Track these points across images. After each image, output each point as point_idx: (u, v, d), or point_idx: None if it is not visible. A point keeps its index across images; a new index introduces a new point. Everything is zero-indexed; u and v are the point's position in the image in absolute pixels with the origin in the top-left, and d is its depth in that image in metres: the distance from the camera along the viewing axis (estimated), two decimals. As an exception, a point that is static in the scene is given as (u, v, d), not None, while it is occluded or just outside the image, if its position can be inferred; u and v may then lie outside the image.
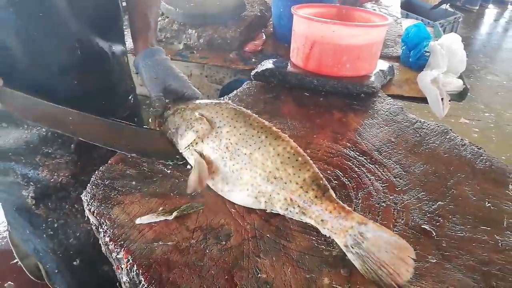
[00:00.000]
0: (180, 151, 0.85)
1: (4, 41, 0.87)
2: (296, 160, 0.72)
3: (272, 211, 0.74)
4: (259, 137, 0.75)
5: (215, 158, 0.77)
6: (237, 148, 0.75)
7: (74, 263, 1.13)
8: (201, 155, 0.79)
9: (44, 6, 0.87)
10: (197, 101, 0.90)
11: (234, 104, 0.85)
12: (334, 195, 0.69)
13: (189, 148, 0.82)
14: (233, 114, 0.81)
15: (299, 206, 0.69)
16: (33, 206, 1.05)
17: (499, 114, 3.52)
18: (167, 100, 0.92)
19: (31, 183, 1.03)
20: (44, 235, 1.08)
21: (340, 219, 0.65)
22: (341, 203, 0.67)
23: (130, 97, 1.22)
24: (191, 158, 0.82)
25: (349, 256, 0.64)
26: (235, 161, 0.75)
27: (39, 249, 1.12)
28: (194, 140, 0.81)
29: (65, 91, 0.97)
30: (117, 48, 1.11)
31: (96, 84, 1.05)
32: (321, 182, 0.70)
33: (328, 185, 0.70)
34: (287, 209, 0.70)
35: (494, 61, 4.81)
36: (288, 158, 0.73)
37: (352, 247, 0.63)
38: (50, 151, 1.03)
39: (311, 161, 0.73)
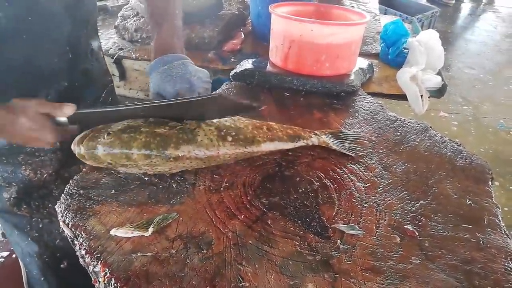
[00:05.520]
0: None
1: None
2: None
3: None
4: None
5: None
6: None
7: (62, 265, 1.10)
8: None
9: (35, 10, 0.84)
10: None
11: None
12: None
13: None
14: None
15: (299, 134, 0.94)
16: (15, 208, 1.02)
17: (477, 107, 3.59)
18: None
19: (13, 183, 1.00)
20: (29, 238, 1.06)
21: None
22: None
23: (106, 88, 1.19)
24: None
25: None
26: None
27: (26, 253, 1.09)
28: None
29: (54, 93, 0.95)
30: (95, 44, 1.08)
31: (81, 81, 1.02)
32: None
33: None
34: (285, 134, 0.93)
35: (470, 55, 4.90)
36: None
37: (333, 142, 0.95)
38: (33, 149, 0.99)
39: None
